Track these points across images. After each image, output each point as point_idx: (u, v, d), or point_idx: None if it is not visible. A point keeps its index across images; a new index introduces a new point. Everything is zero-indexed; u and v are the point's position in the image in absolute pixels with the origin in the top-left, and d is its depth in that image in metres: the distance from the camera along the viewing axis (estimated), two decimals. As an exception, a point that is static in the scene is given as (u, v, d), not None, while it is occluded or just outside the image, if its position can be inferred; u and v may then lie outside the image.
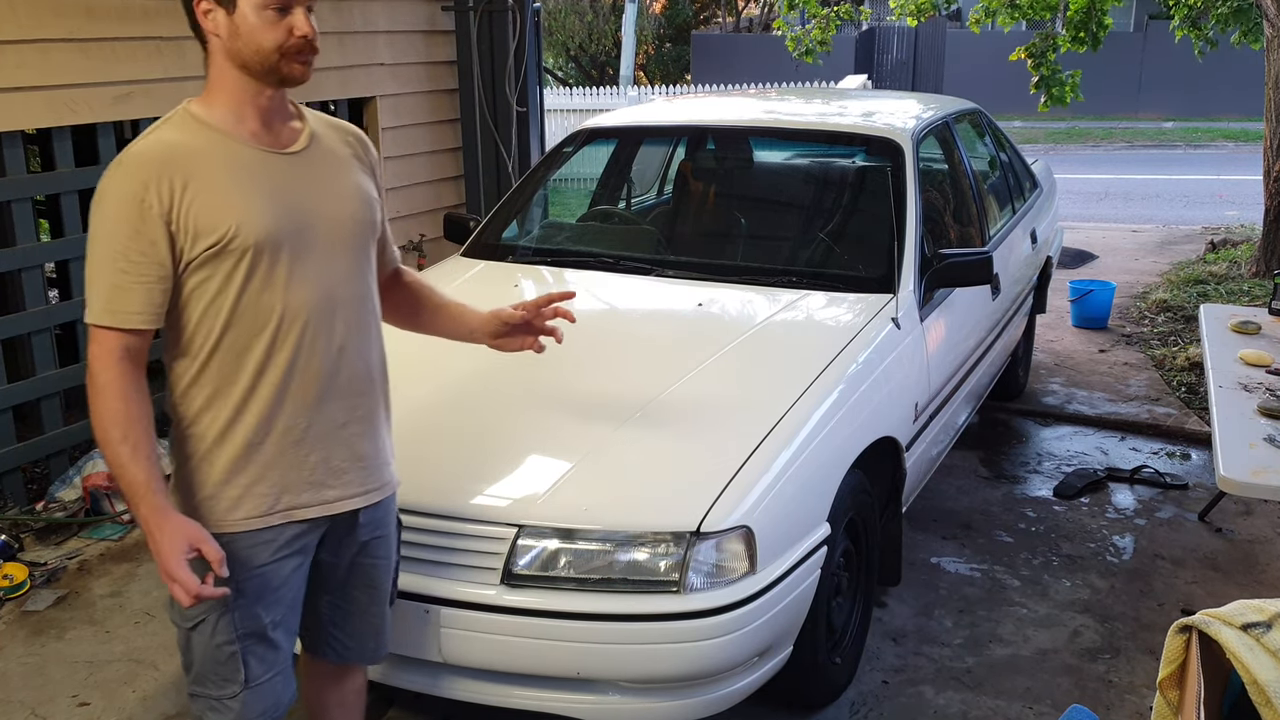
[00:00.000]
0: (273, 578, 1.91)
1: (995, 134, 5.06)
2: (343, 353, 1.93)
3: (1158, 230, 9.78)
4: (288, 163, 1.87)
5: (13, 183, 3.85)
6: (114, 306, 1.75)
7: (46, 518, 3.86)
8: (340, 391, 1.94)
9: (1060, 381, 5.48)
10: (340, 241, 1.92)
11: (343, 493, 1.97)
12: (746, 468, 2.42)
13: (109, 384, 1.75)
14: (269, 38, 1.77)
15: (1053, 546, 3.75)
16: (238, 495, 1.87)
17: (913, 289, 3.28)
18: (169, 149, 1.77)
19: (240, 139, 1.82)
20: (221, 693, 1.92)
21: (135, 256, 1.73)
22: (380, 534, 2.09)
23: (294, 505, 1.91)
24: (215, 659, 1.90)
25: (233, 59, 1.79)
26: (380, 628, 2.17)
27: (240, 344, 1.83)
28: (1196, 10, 9.16)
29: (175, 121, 1.82)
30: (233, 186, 1.78)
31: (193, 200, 1.75)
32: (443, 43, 5.91)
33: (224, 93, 1.82)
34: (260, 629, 1.91)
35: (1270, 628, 1.63)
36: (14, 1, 3.74)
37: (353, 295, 1.95)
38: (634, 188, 4.60)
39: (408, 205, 5.79)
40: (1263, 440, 2.87)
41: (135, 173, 1.74)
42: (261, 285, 1.82)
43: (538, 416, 2.70)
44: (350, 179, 1.97)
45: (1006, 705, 2.88)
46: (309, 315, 1.87)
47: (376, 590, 2.13)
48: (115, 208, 1.73)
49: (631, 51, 19.30)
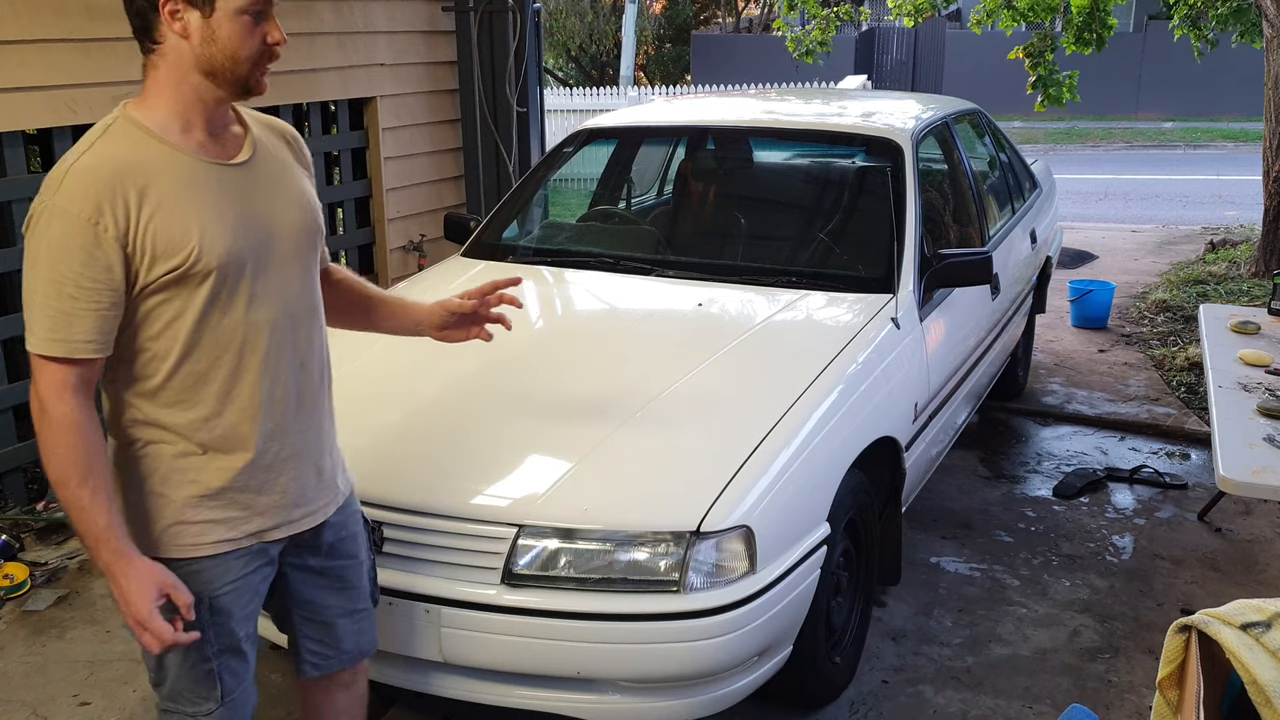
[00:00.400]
0: (244, 591, 1.88)
1: (995, 134, 5.06)
2: (303, 369, 1.89)
3: (1157, 230, 9.79)
4: (236, 175, 1.78)
5: (13, 183, 3.86)
6: (62, 335, 1.63)
7: (47, 518, 3.86)
8: (304, 410, 1.90)
9: (1060, 381, 5.49)
10: (294, 254, 1.85)
11: (308, 509, 1.94)
12: (746, 467, 2.42)
13: (63, 419, 1.65)
14: (246, 45, 1.69)
15: (1052, 546, 3.76)
16: (205, 522, 1.81)
17: (912, 289, 3.28)
18: (119, 165, 1.65)
19: (188, 151, 1.72)
20: (196, 709, 1.89)
21: (87, 283, 1.62)
22: (345, 534, 2.06)
23: (264, 528, 1.87)
24: (191, 678, 1.86)
25: (200, 65, 1.69)
26: (364, 626, 2.14)
27: (200, 369, 1.75)
28: (1196, 10, 9.15)
29: (117, 132, 1.70)
30: (190, 206, 1.69)
31: (149, 221, 1.65)
32: (443, 43, 5.91)
33: (173, 100, 1.71)
34: (235, 644, 1.89)
35: (1270, 627, 1.63)
36: (14, 1, 3.74)
37: (307, 308, 1.90)
38: (634, 188, 4.61)
39: (408, 205, 5.79)
40: (1262, 440, 2.88)
41: (85, 193, 1.61)
42: (224, 308, 1.74)
43: (538, 416, 2.70)
44: (295, 185, 1.89)
45: (1006, 705, 2.88)
46: (271, 334, 1.80)
47: (353, 590, 2.09)
48: (63, 230, 1.61)
49: (631, 52, 19.30)
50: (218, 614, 1.84)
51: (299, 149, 1.97)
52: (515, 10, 5.77)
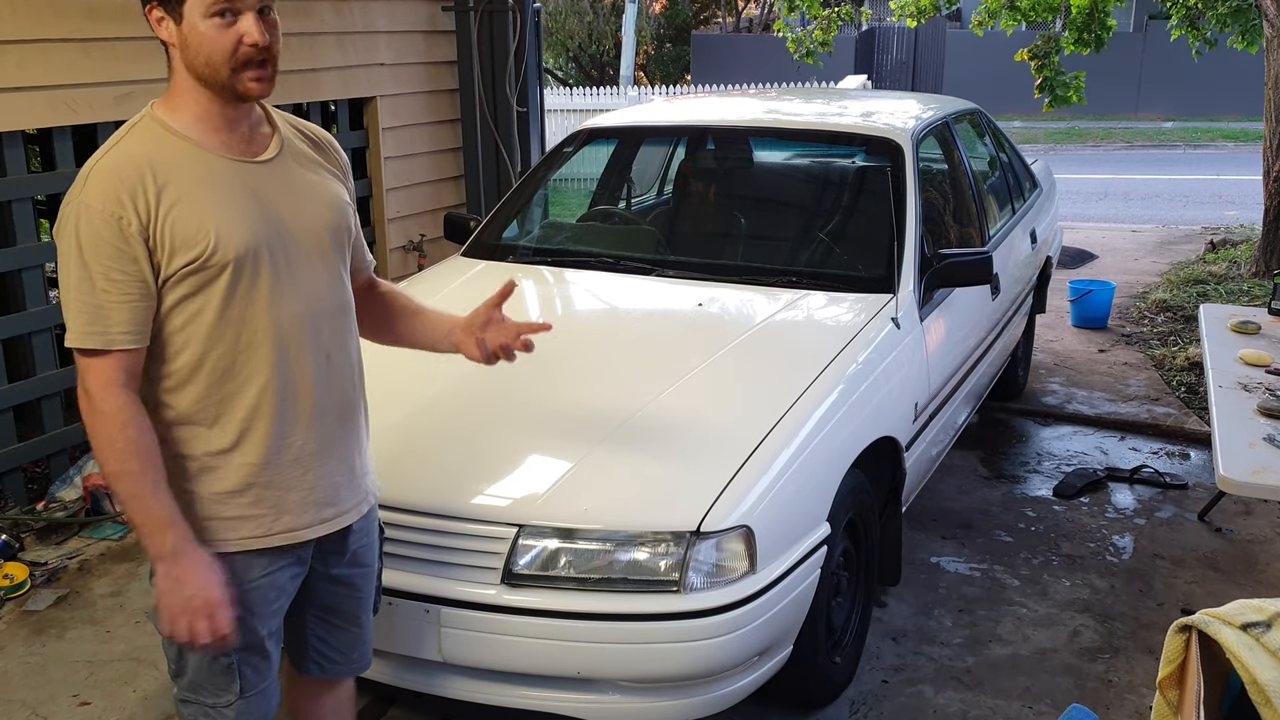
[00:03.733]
0: (270, 589, 1.88)
1: (995, 134, 5.06)
2: (330, 364, 1.89)
3: (1157, 230, 9.79)
4: (260, 171, 1.80)
5: (13, 183, 3.86)
6: (99, 328, 1.67)
7: (47, 517, 3.86)
8: (332, 406, 1.90)
9: (1060, 381, 5.49)
10: (318, 251, 1.86)
11: (339, 509, 1.94)
12: (746, 467, 2.42)
13: (116, 413, 1.68)
14: (217, 48, 1.67)
15: (1052, 546, 3.75)
16: (232, 519, 1.82)
17: (912, 289, 3.28)
18: (140, 163, 1.69)
19: (211, 148, 1.75)
20: (216, 700, 1.89)
21: (117, 275, 1.66)
22: (366, 542, 2.07)
23: (294, 527, 1.87)
24: (211, 670, 1.87)
25: (187, 69, 1.71)
26: (364, 636, 2.14)
27: (225, 362, 1.77)
28: (1195, 10, 9.15)
29: (141, 131, 1.73)
30: (208, 200, 1.72)
31: (167, 215, 1.68)
32: (443, 43, 5.91)
33: (188, 98, 1.74)
34: (258, 641, 1.89)
35: (1270, 627, 1.63)
36: (14, 1, 3.74)
37: (335, 305, 1.91)
38: (634, 188, 4.60)
39: (408, 205, 5.79)
40: (1262, 440, 2.88)
41: (108, 190, 1.66)
42: (244, 301, 1.76)
43: (538, 416, 2.70)
44: (323, 185, 1.91)
45: (1006, 705, 2.88)
46: (294, 328, 1.82)
47: (363, 598, 2.10)
48: (91, 227, 1.65)
49: (631, 52, 19.30)
50: (240, 609, 1.84)
51: (331, 152, 1.99)
52: (515, 10, 5.77)
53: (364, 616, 2.12)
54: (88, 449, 4.10)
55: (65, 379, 4.06)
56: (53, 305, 4.15)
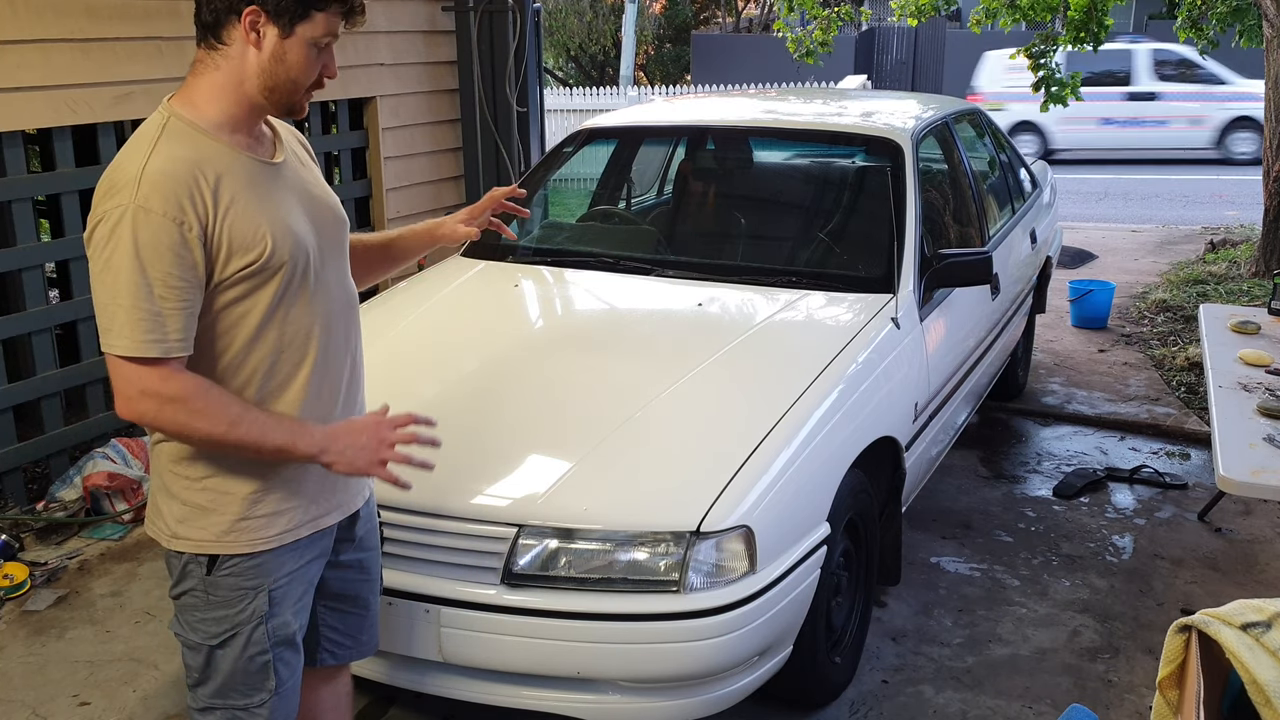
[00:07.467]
0: (299, 582, 1.91)
1: (995, 134, 5.06)
2: (349, 355, 1.95)
3: (1157, 230, 9.79)
4: (280, 173, 1.83)
5: (13, 183, 3.85)
6: (156, 336, 1.63)
7: (47, 517, 3.86)
8: (352, 395, 1.96)
9: (1060, 381, 5.49)
10: (338, 247, 1.93)
11: (352, 492, 2.00)
12: (746, 467, 2.42)
13: (184, 393, 1.66)
14: (308, 73, 1.75)
15: (1052, 546, 3.76)
16: (266, 516, 1.84)
17: (912, 289, 3.28)
18: (192, 166, 1.67)
19: (241, 149, 1.75)
20: (249, 700, 1.89)
21: (176, 282, 1.64)
22: (370, 525, 2.12)
23: (318, 515, 1.91)
24: (246, 670, 1.87)
25: (262, 77, 1.72)
26: (373, 620, 2.18)
27: (266, 364, 1.79)
28: (1197, 11, 9.16)
29: (175, 131, 1.71)
30: (258, 202, 1.73)
31: (224, 217, 1.68)
32: (443, 43, 5.91)
33: (228, 102, 1.73)
34: (290, 635, 1.91)
35: (1270, 627, 1.63)
36: (15, 1, 3.74)
37: (351, 296, 1.97)
38: (634, 188, 4.60)
39: (408, 205, 5.79)
40: (1262, 440, 2.88)
41: (167, 194, 1.63)
42: (289, 303, 1.78)
43: (538, 416, 2.70)
44: (321, 182, 1.96)
45: (1006, 705, 2.88)
46: (329, 324, 1.86)
47: (373, 581, 2.14)
48: (150, 231, 1.61)
49: (631, 52, 19.31)
50: (275, 605, 1.86)
51: (310, 148, 2.04)
52: (515, 10, 5.77)
53: (373, 599, 2.15)
54: (87, 449, 4.10)
55: (65, 379, 4.06)
56: (53, 305, 4.15)
